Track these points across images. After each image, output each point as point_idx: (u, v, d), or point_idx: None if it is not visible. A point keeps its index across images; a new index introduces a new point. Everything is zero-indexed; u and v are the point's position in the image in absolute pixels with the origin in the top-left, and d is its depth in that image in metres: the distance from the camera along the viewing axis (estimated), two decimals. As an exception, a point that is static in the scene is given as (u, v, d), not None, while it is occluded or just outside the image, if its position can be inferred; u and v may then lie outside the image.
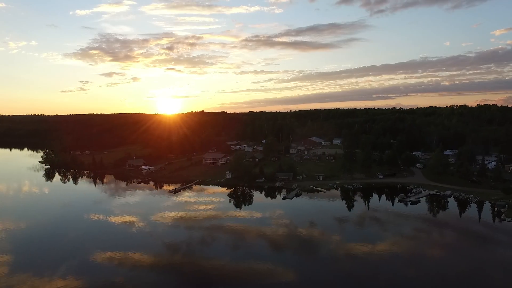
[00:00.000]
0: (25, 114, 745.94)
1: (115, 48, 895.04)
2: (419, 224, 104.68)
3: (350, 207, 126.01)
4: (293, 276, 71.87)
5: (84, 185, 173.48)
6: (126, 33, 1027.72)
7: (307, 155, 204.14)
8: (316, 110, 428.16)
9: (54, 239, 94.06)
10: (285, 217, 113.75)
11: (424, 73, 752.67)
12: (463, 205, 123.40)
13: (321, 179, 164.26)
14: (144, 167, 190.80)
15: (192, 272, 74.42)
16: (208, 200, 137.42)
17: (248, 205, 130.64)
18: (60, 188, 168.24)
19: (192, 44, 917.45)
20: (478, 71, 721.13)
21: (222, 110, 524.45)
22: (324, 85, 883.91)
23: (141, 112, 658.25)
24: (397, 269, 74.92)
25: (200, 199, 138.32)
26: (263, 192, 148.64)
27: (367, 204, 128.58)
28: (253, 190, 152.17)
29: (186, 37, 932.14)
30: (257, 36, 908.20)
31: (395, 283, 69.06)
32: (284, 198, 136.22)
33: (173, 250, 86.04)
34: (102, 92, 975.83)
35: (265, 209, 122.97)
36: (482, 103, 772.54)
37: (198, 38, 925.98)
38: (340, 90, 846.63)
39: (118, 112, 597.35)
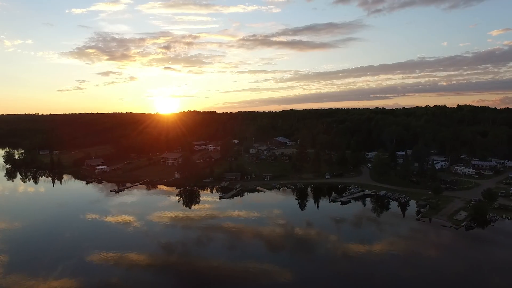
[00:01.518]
0: (20, 113, 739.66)
1: (112, 47, 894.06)
2: (330, 223, 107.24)
3: (280, 206, 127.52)
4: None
5: (31, 184, 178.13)
6: (123, 32, 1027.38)
7: (263, 155, 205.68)
8: (292, 110, 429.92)
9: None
10: (210, 212, 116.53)
11: (422, 73, 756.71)
12: (390, 204, 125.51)
13: (268, 179, 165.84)
14: (99, 166, 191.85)
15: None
16: (141, 199, 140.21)
17: (188, 205, 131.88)
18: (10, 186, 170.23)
19: (189, 43, 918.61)
20: (475, 71, 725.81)
21: (213, 110, 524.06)
22: (322, 85, 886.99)
23: (138, 111, 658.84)
24: (304, 266, 76.51)
25: (132, 199, 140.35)
26: (208, 191, 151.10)
27: (300, 204, 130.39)
28: (200, 190, 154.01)
29: (183, 36, 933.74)
30: (254, 35, 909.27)
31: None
32: (220, 198, 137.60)
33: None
34: (99, 91, 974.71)
35: (196, 208, 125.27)
36: (479, 104, 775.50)
37: (195, 37, 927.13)
38: (338, 90, 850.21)
39: (114, 112, 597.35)
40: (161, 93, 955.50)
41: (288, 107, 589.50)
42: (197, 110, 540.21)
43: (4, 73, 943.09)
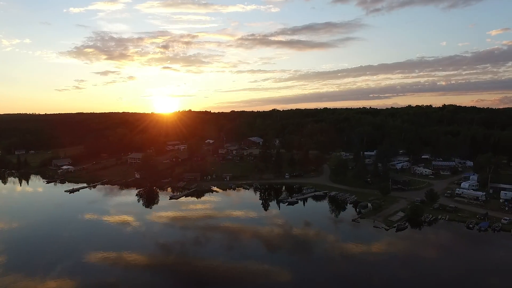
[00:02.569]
0: (16, 113, 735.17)
1: (110, 47, 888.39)
2: (261, 223, 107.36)
3: (223, 206, 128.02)
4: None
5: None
6: (121, 31, 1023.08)
7: (229, 155, 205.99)
8: (274, 110, 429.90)
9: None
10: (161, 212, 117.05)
11: (421, 73, 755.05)
12: (336, 205, 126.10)
13: (227, 179, 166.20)
14: (64, 167, 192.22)
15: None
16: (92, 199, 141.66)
17: (140, 204, 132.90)
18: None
19: (187, 43, 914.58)
20: (474, 71, 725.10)
21: (208, 110, 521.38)
22: (321, 85, 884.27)
23: (137, 111, 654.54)
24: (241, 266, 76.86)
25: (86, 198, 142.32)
26: (167, 191, 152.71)
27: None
28: (159, 190, 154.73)
29: (182, 36, 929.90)
30: (253, 34, 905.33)
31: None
32: (170, 198, 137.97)
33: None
34: (98, 91, 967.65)
35: (136, 208, 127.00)
36: (478, 103, 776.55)
37: (194, 36, 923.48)
38: (337, 89, 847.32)
39: (111, 111, 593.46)
40: (160, 92, 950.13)
41: (288, 106, 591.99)
42: (192, 110, 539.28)
43: (2, 73, 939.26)
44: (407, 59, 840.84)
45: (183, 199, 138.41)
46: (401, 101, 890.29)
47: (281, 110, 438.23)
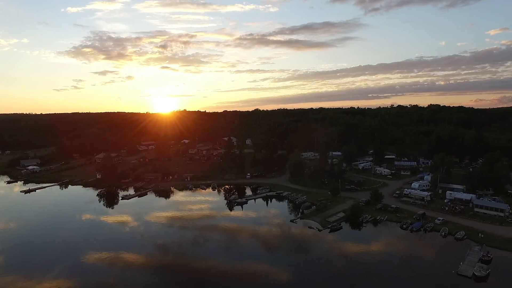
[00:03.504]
0: (13, 113, 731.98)
1: (108, 46, 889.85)
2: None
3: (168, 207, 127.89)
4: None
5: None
6: (119, 31, 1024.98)
7: (197, 156, 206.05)
8: (256, 110, 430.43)
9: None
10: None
11: (420, 73, 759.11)
12: (284, 205, 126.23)
13: (188, 179, 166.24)
14: (30, 167, 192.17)
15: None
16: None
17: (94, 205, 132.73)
18: None
19: (185, 42, 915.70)
20: (473, 70, 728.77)
21: (204, 110, 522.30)
22: (320, 85, 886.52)
23: (136, 111, 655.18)
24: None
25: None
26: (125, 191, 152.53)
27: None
28: (119, 189, 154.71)
29: (180, 35, 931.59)
30: (251, 34, 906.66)
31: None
32: (122, 199, 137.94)
33: None
34: (97, 91, 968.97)
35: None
36: (477, 103, 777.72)
37: (192, 36, 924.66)
38: (336, 89, 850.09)
39: (109, 111, 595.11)
40: (159, 92, 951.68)
41: (287, 106, 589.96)
42: (186, 110, 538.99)
43: (0, 72, 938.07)
44: (406, 59, 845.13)
45: (135, 199, 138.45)
46: (400, 101, 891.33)
47: (267, 110, 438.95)
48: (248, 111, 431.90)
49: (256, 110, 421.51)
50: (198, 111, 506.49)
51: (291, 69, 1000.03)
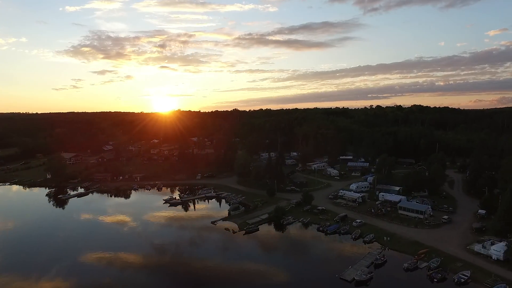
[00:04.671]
0: (11, 112, 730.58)
1: (107, 46, 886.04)
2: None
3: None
4: None
5: None
6: (118, 30, 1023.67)
7: (156, 156, 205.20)
8: (235, 109, 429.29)
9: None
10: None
11: (419, 73, 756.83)
12: (218, 206, 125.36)
13: (138, 179, 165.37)
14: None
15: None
16: None
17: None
18: None
19: (184, 42, 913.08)
20: (473, 71, 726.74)
21: (201, 110, 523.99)
22: (319, 85, 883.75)
23: (136, 110, 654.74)
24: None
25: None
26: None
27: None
28: (67, 189, 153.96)
29: (178, 35, 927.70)
30: (250, 34, 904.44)
31: None
32: (61, 198, 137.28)
33: None
34: (96, 90, 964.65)
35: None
36: (476, 103, 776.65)
37: (191, 35, 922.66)
38: (335, 89, 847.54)
39: (102, 111, 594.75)
40: (158, 92, 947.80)
41: (286, 106, 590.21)
42: (180, 110, 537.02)
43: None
44: (406, 59, 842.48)
45: (72, 200, 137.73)
46: (400, 101, 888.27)
47: (247, 110, 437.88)
48: (226, 110, 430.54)
49: (235, 110, 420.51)
50: (190, 111, 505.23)
51: (290, 69, 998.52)
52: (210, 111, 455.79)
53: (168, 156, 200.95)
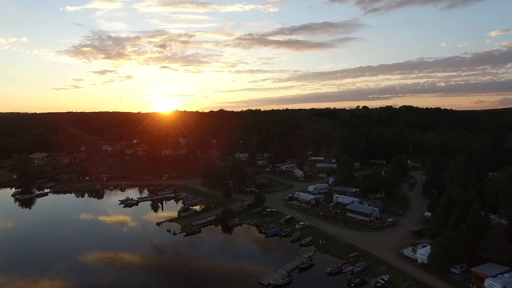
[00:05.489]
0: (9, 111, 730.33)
1: (108, 46, 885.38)
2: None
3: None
4: None
5: None
6: (119, 30, 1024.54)
7: (127, 157, 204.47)
8: (220, 110, 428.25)
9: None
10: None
11: (420, 74, 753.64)
12: (172, 207, 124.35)
13: (104, 180, 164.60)
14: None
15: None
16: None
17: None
18: None
19: (185, 42, 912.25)
20: (474, 72, 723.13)
21: (196, 110, 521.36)
22: (320, 85, 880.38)
23: (136, 110, 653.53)
24: None
25: None
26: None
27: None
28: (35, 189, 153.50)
29: (179, 35, 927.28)
30: (250, 34, 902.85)
31: None
32: (15, 198, 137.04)
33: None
34: (97, 90, 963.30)
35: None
36: (477, 104, 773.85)
37: (191, 36, 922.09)
38: (336, 90, 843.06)
39: (100, 111, 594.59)
40: (159, 92, 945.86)
41: (287, 107, 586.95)
42: (178, 110, 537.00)
43: (0, 71, 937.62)
44: (407, 60, 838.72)
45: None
46: (401, 102, 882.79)
47: (233, 111, 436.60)
48: (212, 111, 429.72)
49: (221, 110, 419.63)
50: (185, 111, 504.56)
51: (291, 70, 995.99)
52: (205, 111, 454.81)
53: (141, 157, 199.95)
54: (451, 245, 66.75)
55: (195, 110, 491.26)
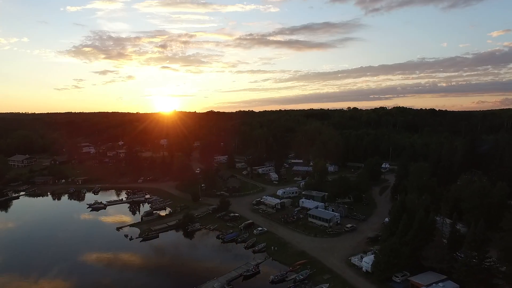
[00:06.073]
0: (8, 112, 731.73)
1: (108, 46, 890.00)
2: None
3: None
4: None
5: None
6: (119, 30, 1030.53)
7: (107, 159, 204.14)
8: (210, 111, 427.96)
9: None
10: None
11: (422, 74, 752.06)
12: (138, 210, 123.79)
13: (80, 183, 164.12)
14: None
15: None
16: None
17: None
18: None
19: (185, 42, 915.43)
20: (475, 72, 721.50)
21: (194, 110, 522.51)
22: (321, 85, 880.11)
23: (137, 111, 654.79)
24: None
25: None
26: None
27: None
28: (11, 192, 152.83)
29: (179, 35, 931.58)
30: (251, 34, 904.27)
31: None
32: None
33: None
34: (98, 90, 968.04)
35: None
36: (478, 105, 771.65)
37: (191, 36, 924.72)
38: (337, 90, 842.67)
39: (100, 111, 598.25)
40: (160, 92, 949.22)
41: (288, 107, 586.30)
42: (176, 110, 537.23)
43: (1, 71, 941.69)
44: (408, 60, 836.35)
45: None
46: (402, 102, 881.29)
47: (230, 112, 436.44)
48: (209, 112, 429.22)
49: (211, 111, 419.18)
50: (180, 111, 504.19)
51: (292, 70, 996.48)
52: (205, 112, 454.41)
53: (121, 159, 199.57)
54: (391, 253, 65.81)
55: (193, 111, 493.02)
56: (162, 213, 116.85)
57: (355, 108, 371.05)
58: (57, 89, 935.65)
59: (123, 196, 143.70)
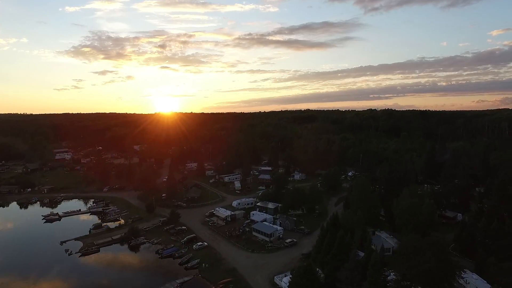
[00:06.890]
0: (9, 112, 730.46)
1: (107, 46, 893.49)
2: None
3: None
4: None
5: None
6: (118, 30, 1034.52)
7: (78, 166, 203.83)
8: (202, 113, 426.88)
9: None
10: None
11: (421, 74, 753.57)
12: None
13: (45, 191, 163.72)
14: None
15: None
16: None
17: None
18: None
19: (184, 42, 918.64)
20: (475, 71, 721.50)
21: (192, 111, 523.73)
22: (321, 85, 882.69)
23: (137, 111, 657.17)
24: None
25: None
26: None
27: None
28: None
29: (178, 35, 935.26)
30: (250, 34, 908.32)
31: None
32: None
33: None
34: (97, 90, 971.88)
35: None
36: (478, 104, 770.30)
37: (190, 36, 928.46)
38: (337, 90, 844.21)
39: (100, 112, 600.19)
40: (159, 92, 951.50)
41: (288, 107, 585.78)
42: (174, 111, 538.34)
43: (0, 72, 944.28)
44: (408, 60, 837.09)
45: None
46: (402, 102, 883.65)
47: (216, 113, 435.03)
48: (204, 113, 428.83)
49: (202, 114, 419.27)
50: (193, 112, 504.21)
51: (291, 70, 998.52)
52: (205, 112, 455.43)
53: (90, 166, 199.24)
54: (305, 275, 65.10)
55: (190, 112, 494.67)
56: (112, 225, 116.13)
57: (339, 111, 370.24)
58: (56, 90, 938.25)
59: (90, 205, 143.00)
